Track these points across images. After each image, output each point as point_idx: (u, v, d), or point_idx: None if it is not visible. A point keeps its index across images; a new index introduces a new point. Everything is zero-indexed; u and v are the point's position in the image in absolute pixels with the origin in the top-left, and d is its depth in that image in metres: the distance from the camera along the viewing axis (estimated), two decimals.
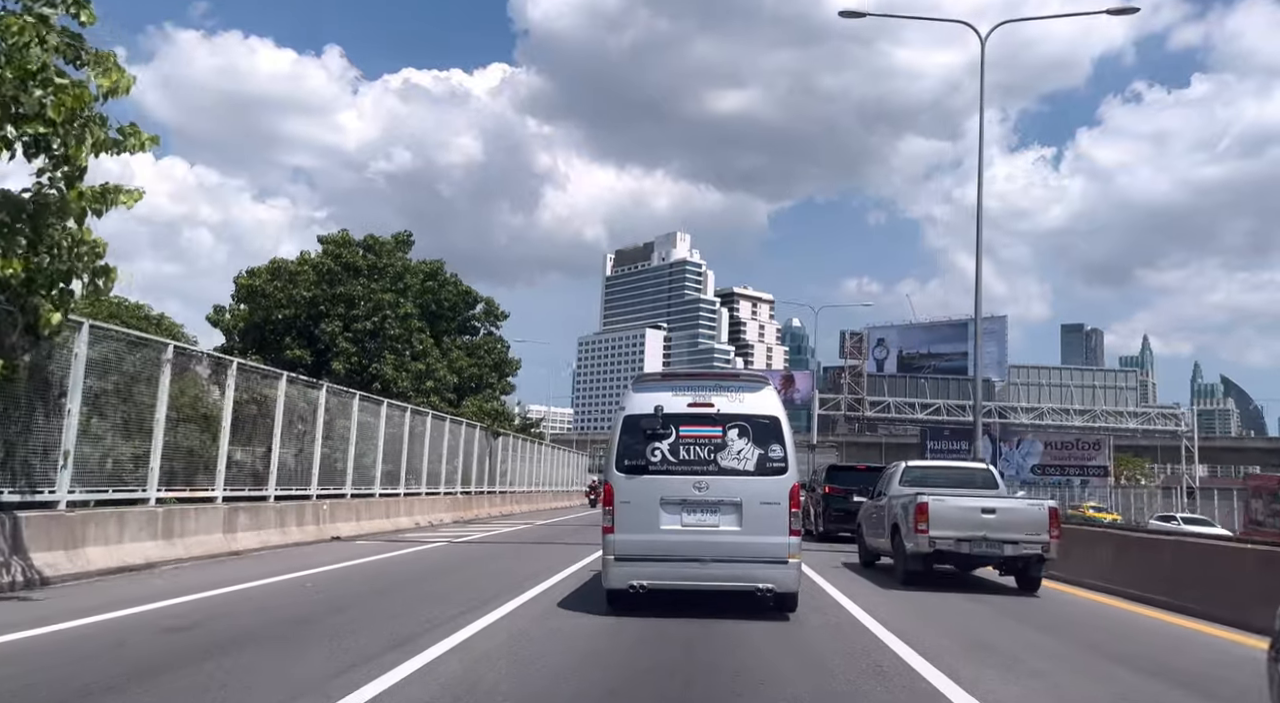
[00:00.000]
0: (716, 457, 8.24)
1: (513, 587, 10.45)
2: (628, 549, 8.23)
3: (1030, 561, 11.21)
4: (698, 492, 8.18)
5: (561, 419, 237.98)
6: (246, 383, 14.92)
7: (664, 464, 8.25)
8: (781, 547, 8.16)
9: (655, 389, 8.63)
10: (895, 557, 12.21)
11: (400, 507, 21.87)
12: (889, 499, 12.99)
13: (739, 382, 8.85)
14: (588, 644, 7.06)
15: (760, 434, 8.30)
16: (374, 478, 20.63)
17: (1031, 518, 11.21)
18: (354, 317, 28.13)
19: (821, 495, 21.61)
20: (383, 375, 28.20)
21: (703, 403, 8.38)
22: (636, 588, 8.15)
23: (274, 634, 7.15)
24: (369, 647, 6.53)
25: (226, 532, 13.61)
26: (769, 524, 8.15)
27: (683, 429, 8.29)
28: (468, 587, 10.64)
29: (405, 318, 28.81)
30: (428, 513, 23.99)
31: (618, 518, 8.29)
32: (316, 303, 28.02)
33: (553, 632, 7.51)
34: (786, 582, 8.21)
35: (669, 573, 8.18)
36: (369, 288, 28.57)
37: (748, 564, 8.15)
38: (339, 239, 29.16)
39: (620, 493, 8.30)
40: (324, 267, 28.29)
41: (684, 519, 8.16)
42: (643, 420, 8.34)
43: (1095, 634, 8.76)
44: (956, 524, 11.11)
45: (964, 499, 11.62)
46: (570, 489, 53.86)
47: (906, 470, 13.94)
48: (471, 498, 28.89)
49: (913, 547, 11.31)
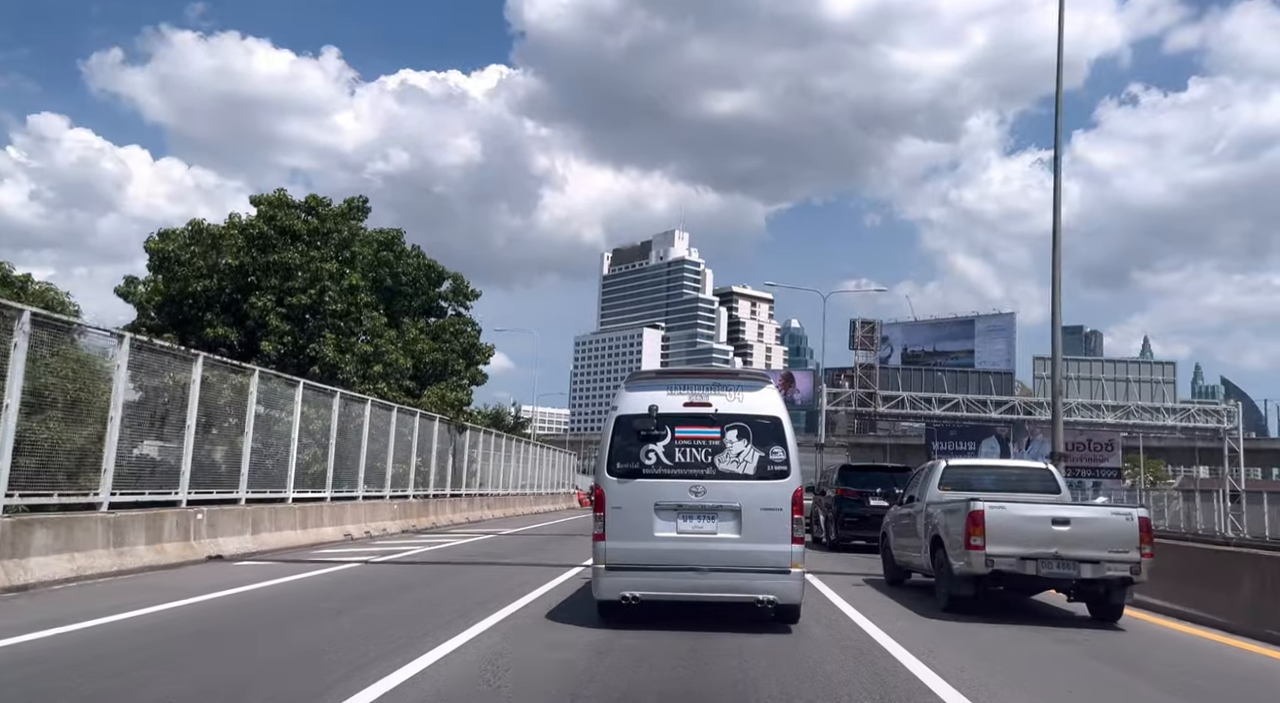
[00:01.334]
0: (714, 459, 7.85)
1: (375, 662, 6.26)
2: (620, 558, 7.78)
3: (1113, 584, 9.17)
4: (694, 497, 7.76)
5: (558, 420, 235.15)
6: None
7: (659, 467, 7.85)
8: (784, 555, 7.75)
9: (650, 388, 8.16)
10: (937, 577, 10.24)
11: (325, 514, 17.64)
12: (925, 506, 11.04)
13: (738, 380, 8.36)
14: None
15: (761, 436, 7.90)
16: (285, 479, 16.40)
17: (1117, 531, 9.15)
18: (289, 289, 23.90)
19: (833, 499, 19.52)
20: (322, 358, 23.98)
21: (700, 402, 7.97)
22: (629, 599, 7.70)
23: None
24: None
25: (8, 557, 9.39)
26: (770, 531, 7.74)
27: (679, 430, 7.90)
28: (293, 666, 6.42)
29: (351, 291, 24.57)
30: (366, 521, 19.75)
31: (609, 524, 7.83)
32: (245, 272, 23.78)
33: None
34: (789, 593, 7.78)
35: (664, 584, 7.76)
36: (308, 256, 24.32)
37: (747, 574, 7.73)
38: (274, 199, 24.94)
39: (612, 498, 7.86)
40: (255, 231, 24.06)
41: (680, 526, 7.76)
42: (636, 421, 7.93)
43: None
44: (1021, 539, 9.09)
45: (1030, 507, 9.53)
46: (557, 492, 49.64)
47: (947, 471, 11.67)
48: (429, 503, 24.65)
49: (962, 566, 9.31)
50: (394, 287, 27.83)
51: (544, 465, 46.50)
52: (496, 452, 34.44)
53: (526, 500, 39.07)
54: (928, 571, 10.67)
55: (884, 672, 6.43)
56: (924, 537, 10.70)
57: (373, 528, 19.87)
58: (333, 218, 26.40)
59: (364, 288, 25.40)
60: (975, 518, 9.13)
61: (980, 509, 9.14)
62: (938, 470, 11.74)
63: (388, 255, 27.39)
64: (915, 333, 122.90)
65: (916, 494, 11.85)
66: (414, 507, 23.19)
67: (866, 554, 16.95)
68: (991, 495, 9.93)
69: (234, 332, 23.43)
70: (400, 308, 28.67)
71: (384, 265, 27.56)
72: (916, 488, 12.07)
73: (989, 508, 9.15)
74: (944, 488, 11.29)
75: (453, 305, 31.23)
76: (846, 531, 18.81)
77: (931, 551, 10.31)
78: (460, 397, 27.32)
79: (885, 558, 12.80)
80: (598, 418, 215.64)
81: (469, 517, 27.94)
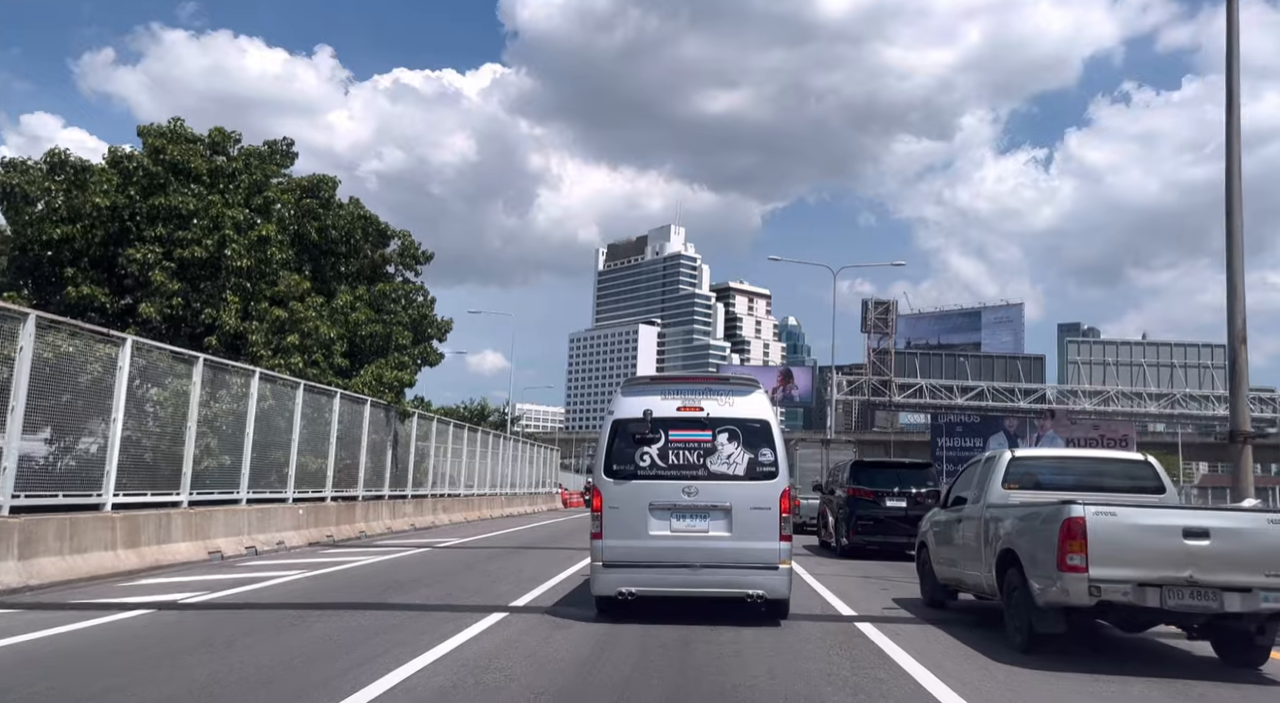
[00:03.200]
0: (706, 461, 8.15)
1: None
2: (616, 555, 8.08)
3: (1264, 619, 6.68)
4: (687, 497, 8.06)
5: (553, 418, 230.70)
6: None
7: (653, 469, 8.15)
8: (772, 552, 8.00)
9: (644, 393, 8.47)
10: (1008, 606, 7.73)
11: (177, 525, 12.80)
12: (985, 509, 8.77)
13: (729, 386, 8.59)
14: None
15: (750, 438, 8.19)
16: (103, 477, 11.52)
17: (1275, 546, 6.51)
18: (180, 240, 18.99)
19: (845, 500, 17.63)
20: (221, 326, 19.06)
21: (692, 407, 8.29)
22: (625, 595, 8.00)
23: None
24: None
25: None
26: (759, 529, 8.01)
27: (672, 433, 8.20)
28: None
29: (261, 244, 19.65)
30: (251, 532, 14.89)
31: (606, 523, 8.13)
32: (120, 217, 18.88)
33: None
34: (777, 588, 8.05)
35: (658, 580, 8.04)
36: (206, 200, 19.41)
37: (738, 570, 8.01)
38: (167, 131, 20.03)
39: (609, 498, 8.17)
40: (134, 165, 19.15)
41: (673, 525, 8.06)
42: (631, 425, 8.25)
43: None
44: (1139, 557, 6.61)
45: (1151, 513, 6.94)
46: (537, 492, 44.75)
47: (1014, 464, 9.11)
48: (357, 507, 19.75)
49: (1053, 593, 6.86)
50: (322, 244, 22.91)
51: (521, 463, 41.63)
52: (459, 445, 29.56)
53: (497, 502, 34.20)
54: (987, 594, 8.55)
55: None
56: (984, 550, 8.47)
57: (263, 541, 15.00)
58: (245, 157, 21.48)
59: (280, 242, 20.50)
60: (1073, 528, 6.78)
61: (1081, 516, 6.78)
62: (1000, 463, 9.06)
63: (312, 204, 22.45)
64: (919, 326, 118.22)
65: (970, 494, 9.39)
66: (332, 512, 18.31)
67: (881, 560, 15.81)
68: (1095, 498, 7.38)
69: (102, 291, 18.51)
70: (331, 270, 23.75)
71: (310, 217, 22.64)
72: (970, 486, 9.54)
73: (1093, 514, 6.77)
74: (1010, 486, 8.85)
75: (399, 270, 26.32)
76: (860, 535, 17.04)
77: (998, 570, 7.98)
78: (402, 377, 22.42)
79: (924, 574, 10.60)
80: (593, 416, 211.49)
81: (415, 522, 23.07)
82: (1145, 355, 45.96)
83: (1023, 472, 9.00)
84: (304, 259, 22.62)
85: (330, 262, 23.71)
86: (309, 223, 22.68)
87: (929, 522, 10.67)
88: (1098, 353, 47.04)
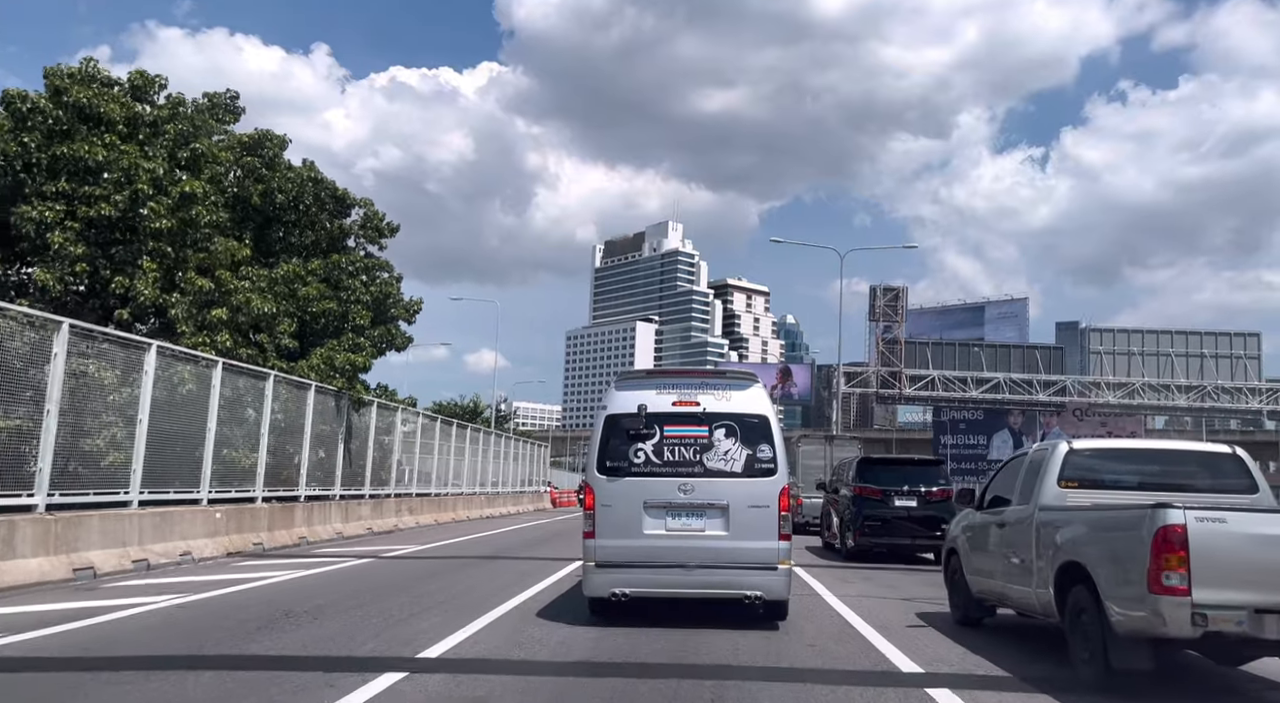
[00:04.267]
0: (702, 458, 7.93)
1: None
2: (609, 555, 7.83)
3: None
4: (683, 494, 7.83)
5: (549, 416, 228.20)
6: None
7: (647, 466, 7.94)
8: (771, 552, 7.78)
9: (639, 387, 8.28)
10: (1072, 633, 6.32)
11: (27, 536, 9.97)
12: (1037, 512, 7.28)
13: (726, 380, 8.47)
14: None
15: (748, 434, 7.99)
16: None
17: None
18: (87, 196, 16.16)
19: (851, 499, 16.79)
20: (136, 296, 16.23)
21: (688, 402, 8.06)
22: (618, 596, 7.75)
23: None
24: None
25: None
26: (757, 528, 7.78)
27: (667, 429, 7.98)
28: None
29: (185, 204, 16.80)
30: (145, 542, 12.14)
31: (599, 522, 7.89)
32: (13, 168, 16.06)
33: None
34: (776, 589, 7.81)
35: (652, 580, 7.81)
36: (120, 151, 16.57)
37: (735, 570, 7.77)
38: (76, 72, 17.17)
39: (601, 496, 7.93)
40: (33, 109, 16.30)
41: (668, 523, 7.83)
42: (625, 420, 8.04)
43: None
44: (1258, 576, 5.33)
45: (1273, 521, 5.68)
46: (523, 490, 41.94)
47: (1072, 457, 7.48)
48: (296, 509, 16.95)
49: (1140, 621, 5.49)
50: (267, 209, 20.09)
51: (506, 460, 38.83)
52: (430, 439, 26.75)
53: (476, 502, 31.37)
54: (1039, 613, 7.17)
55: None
56: (1036, 562, 7.09)
57: (160, 552, 12.20)
58: (173, 106, 18.65)
59: (214, 203, 17.65)
60: (1171, 539, 5.29)
61: (1180, 523, 5.31)
62: (1055, 458, 7.68)
63: (254, 162, 19.60)
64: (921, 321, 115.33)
65: (1015, 495, 8.11)
66: (264, 515, 15.49)
67: (891, 564, 15.11)
68: (1193, 499, 5.93)
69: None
70: (280, 242, 20.95)
71: (254, 179, 19.81)
72: (1014, 485, 8.23)
73: (1195, 521, 5.32)
74: (1068, 484, 7.45)
75: (361, 242, 23.50)
76: (867, 536, 16.22)
77: (1059, 588, 6.57)
78: (356, 360, 19.56)
79: (954, 586, 9.28)
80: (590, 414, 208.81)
81: (373, 526, 20.26)
82: (1174, 345, 43.18)
83: (1082, 467, 7.56)
84: (245, 226, 19.79)
85: (278, 230, 20.89)
86: (252, 185, 19.85)
87: (960, 526, 9.36)
88: (1121, 342, 44.17)
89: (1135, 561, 5.55)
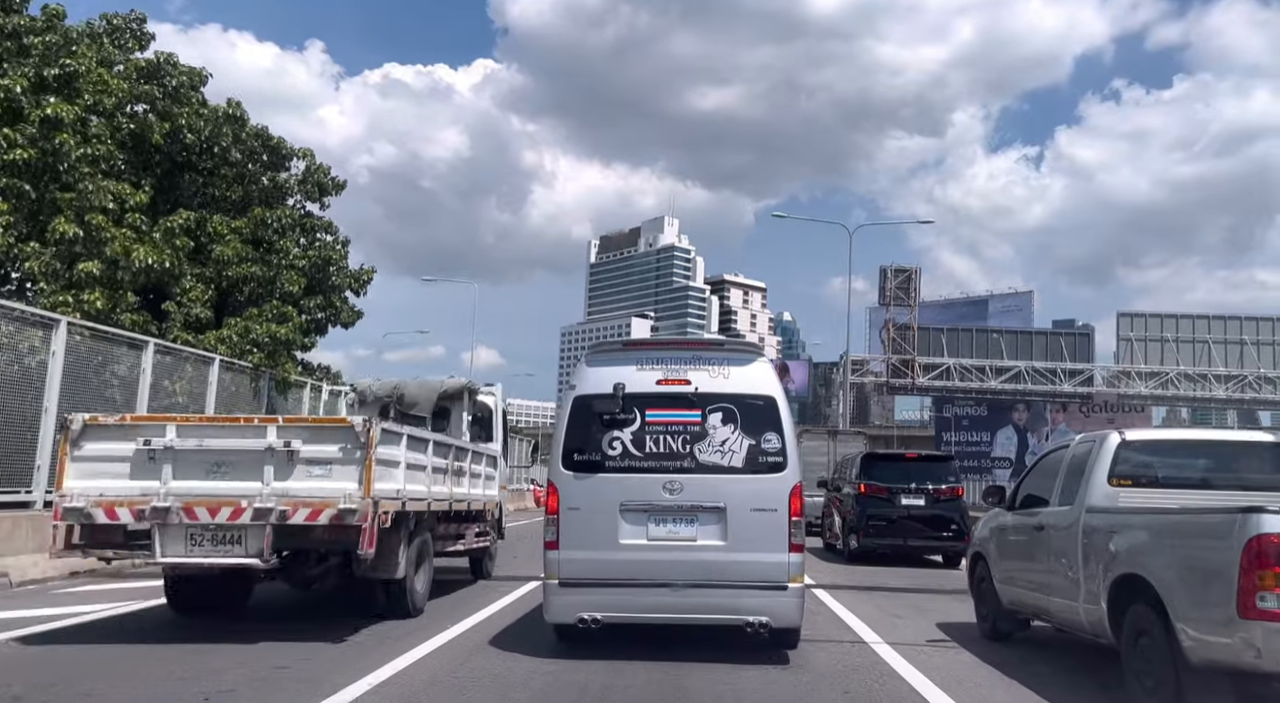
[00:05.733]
0: (694, 449, 6.53)
1: None
2: (576, 571, 6.40)
3: None
4: (669, 495, 6.44)
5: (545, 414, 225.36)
6: None
7: (625, 459, 6.52)
8: (779, 567, 6.36)
9: (615, 362, 6.81)
10: (1129, 658, 5.49)
11: None
12: (1089, 515, 6.36)
13: (724, 352, 6.93)
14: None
15: (751, 420, 6.55)
16: None
17: None
18: None
19: (854, 497, 15.75)
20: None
21: (677, 380, 6.64)
22: (588, 623, 6.32)
23: None
24: None
25: None
26: (762, 537, 6.38)
27: (650, 413, 6.58)
28: None
29: (48, 130, 13.43)
30: None
31: (564, 530, 6.45)
32: None
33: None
34: (786, 613, 6.39)
35: (630, 603, 6.42)
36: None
37: (735, 590, 6.36)
38: None
39: (567, 497, 6.49)
40: None
41: (651, 531, 6.44)
42: (598, 403, 6.63)
43: None
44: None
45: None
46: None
47: (1124, 451, 6.58)
48: None
49: (1223, 650, 4.63)
50: (175, 152, 16.73)
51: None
52: None
53: None
54: (1087, 631, 6.19)
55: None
56: (1084, 572, 6.15)
57: None
58: (48, 19, 15.27)
59: (95, 136, 14.29)
60: (1266, 551, 4.43)
61: (1277, 533, 4.44)
62: (1105, 452, 6.53)
63: (152, 92, 16.23)
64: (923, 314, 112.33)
65: (1054, 494, 6.99)
66: None
67: (896, 566, 14.34)
68: (1269, 499, 4.91)
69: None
70: (197, 194, 17.62)
71: (160, 114, 16.47)
72: (1053, 484, 7.07)
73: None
74: (1119, 482, 6.40)
75: (300, 201, 20.20)
76: (871, 537, 15.51)
77: (1113, 605, 5.68)
78: (279, 332, 16.20)
79: (982, 596, 8.22)
80: None
81: None
82: (1210, 331, 39.91)
83: (1137, 462, 6.71)
84: (145, 170, 16.45)
85: (194, 180, 17.54)
86: (154, 121, 16.48)
87: (989, 528, 8.54)
88: (1154, 328, 40.94)
89: (1219, 576, 4.73)
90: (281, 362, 16.44)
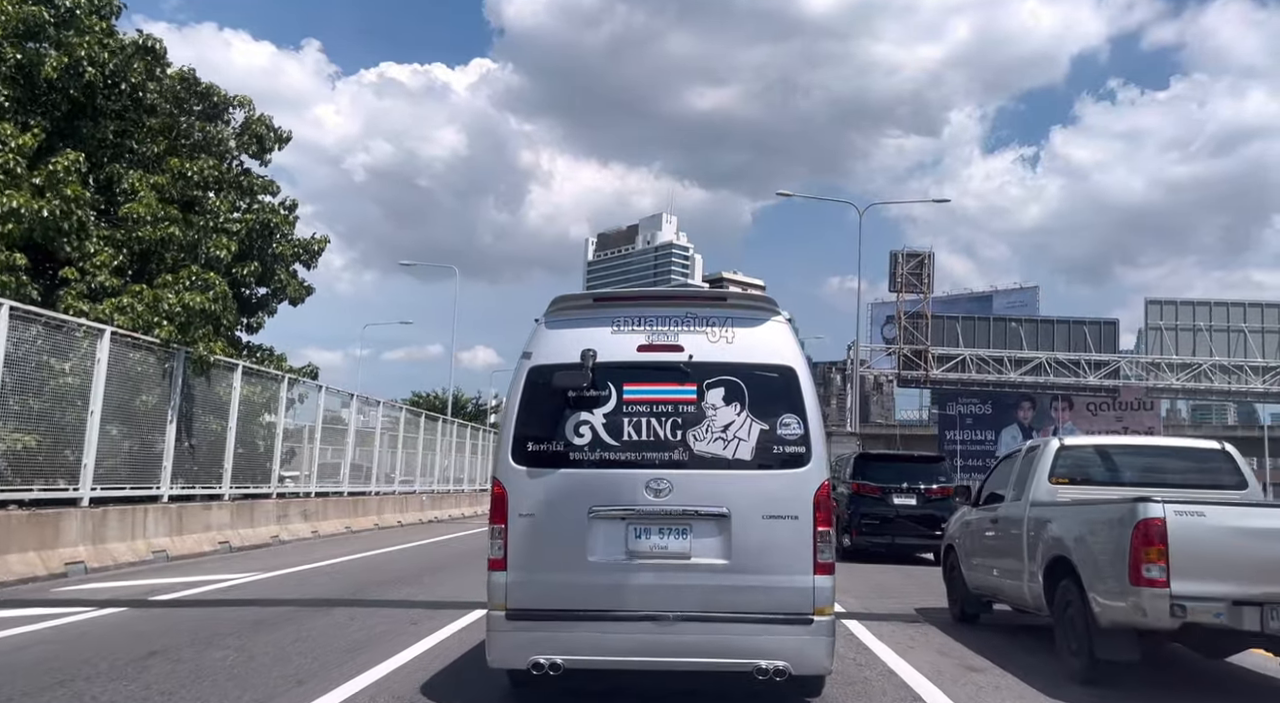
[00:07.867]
0: (687, 437, 4.93)
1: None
2: (530, 598, 4.82)
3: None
4: (655, 497, 4.84)
5: None
6: None
7: (596, 450, 4.93)
8: (801, 594, 4.79)
9: (583, 322, 5.15)
10: (1059, 625, 6.59)
11: None
12: (1030, 508, 7.54)
13: (727, 309, 5.18)
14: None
15: (763, 398, 4.97)
16: None
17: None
18: None
19: (848, 496, 15.85)
20: None
21: (665, 345, 5.05)
22: (544, 668, 4.71)
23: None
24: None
25: None
26: (779, 553, 4.82)
27: (629, 390, 4.98)
28: None
29: None
30: None
31: (513, 544, 4.86)
32: None
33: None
34: (811, 656, 4.78)
35: (602, 643, 4.79)
36: None
37: (742, 625, 4.76)
38: None
39: (518, 500, 4.90)
40: None
41: (631, 545, 4.85)
42: (559, 375, 5.01)
43: None
44: (1235, 569, 5.50)
45: (1250, 514, 5.91)
46: (486, 488, 35.90)
47: (1063, 454, 7.83)
48: (65, 518, 11.07)
49: (1121, 612, 5.69)
50: (73, 89, 14.14)
51: (463, 453, 32.92)
52: (346, 425, 20.81)
53: (414, 503, 25.41)
54: (1031, 608, 7.33)
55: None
56: (1027, 557, 7.27)
57: None
58: None
59: None
60: (1151, 532, 5.48)
61: (1160, 517, 5.49)
62: (1046, 454, 7.80)
63: (40, 14, 13.63)
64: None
65: (1008, 491, 8.19)
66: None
67: (886, 564, 14.61)
68: (1173, 494, 6.21)
69: None
70: (109, 145, 15.05)
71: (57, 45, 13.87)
72: (1008, 482, 8.31)
73: (1175, 514, 5.50)
74: (1058, 480, 7.61)
75: (239, 155, 17.63)
76: (865, 536, 15.60)
77: (1048, 581, 6.79)
78: (194, 302, 13.56)
79: (952, 583, 9.28)
80: None
81: (232, 539, 14.33)
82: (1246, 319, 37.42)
83: (1073, 464, 7.83)
84: (35, 110, 13.86)
85: (101, 126, 14.95)
86: (47, 52, 13.88)
87: (958, 523, 9.48)
88: (1185, 316, 38.40)
89: (1117, 553, 5.77)
90: (201, 338, 13.82)
